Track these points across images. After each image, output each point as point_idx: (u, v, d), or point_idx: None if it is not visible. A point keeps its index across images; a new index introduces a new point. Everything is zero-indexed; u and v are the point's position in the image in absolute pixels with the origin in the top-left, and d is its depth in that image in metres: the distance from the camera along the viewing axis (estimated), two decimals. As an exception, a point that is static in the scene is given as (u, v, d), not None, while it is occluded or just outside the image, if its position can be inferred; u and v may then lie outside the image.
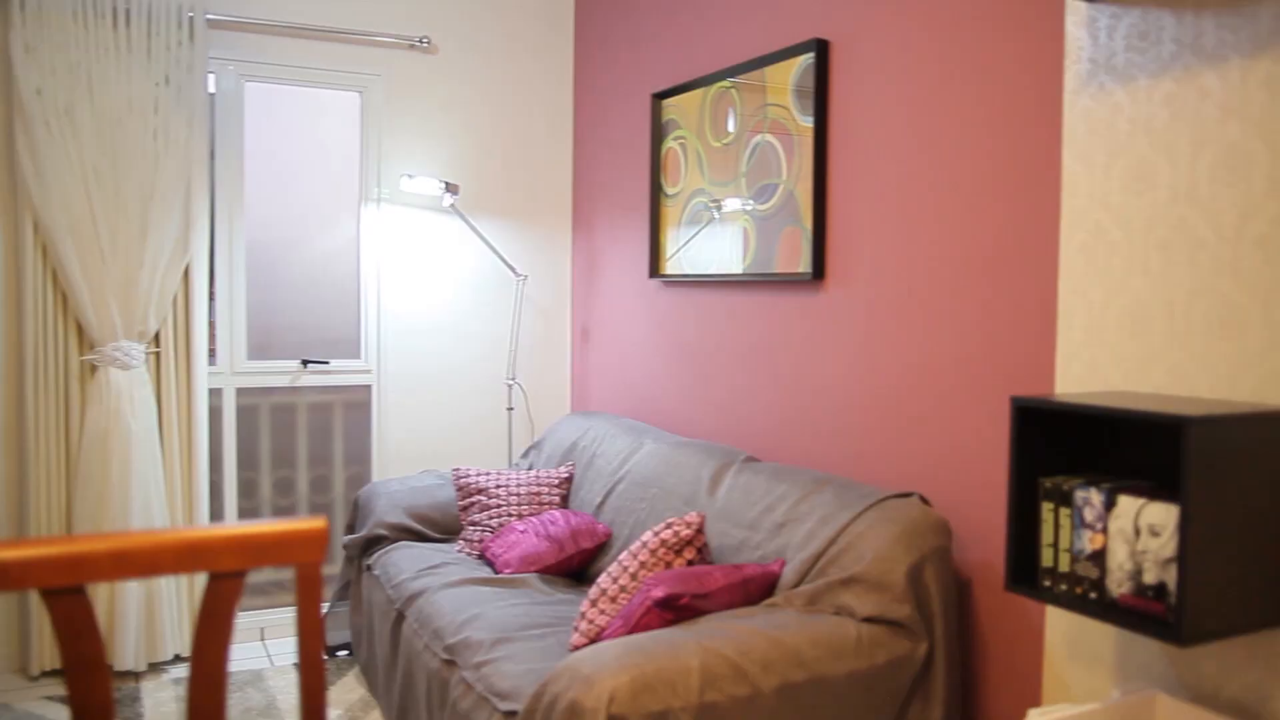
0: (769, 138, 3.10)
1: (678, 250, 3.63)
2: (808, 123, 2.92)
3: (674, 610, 2.22)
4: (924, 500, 2.43)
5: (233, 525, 1.28)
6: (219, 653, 1.29)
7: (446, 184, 4.01)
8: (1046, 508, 1.85)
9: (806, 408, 2.99)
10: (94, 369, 3.56)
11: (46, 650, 3.55)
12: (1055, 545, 1.83)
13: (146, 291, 3.57)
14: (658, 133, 3.74)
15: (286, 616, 4.06)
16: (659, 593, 2.22)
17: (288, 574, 4.13)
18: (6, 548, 1.17)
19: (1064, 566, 1.81)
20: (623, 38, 4.03)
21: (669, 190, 3.68)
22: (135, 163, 3.55)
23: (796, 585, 2.37)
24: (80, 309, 3.49)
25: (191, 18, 3.63)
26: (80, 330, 3.56)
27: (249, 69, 3.90)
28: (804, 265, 2.96)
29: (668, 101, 3.68)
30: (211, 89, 3.84)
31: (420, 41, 4.11)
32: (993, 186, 2.33)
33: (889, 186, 2.66)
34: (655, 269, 3.76)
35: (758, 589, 2.37)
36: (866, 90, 2.73)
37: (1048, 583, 1.85)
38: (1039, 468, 1.90)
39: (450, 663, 2.56)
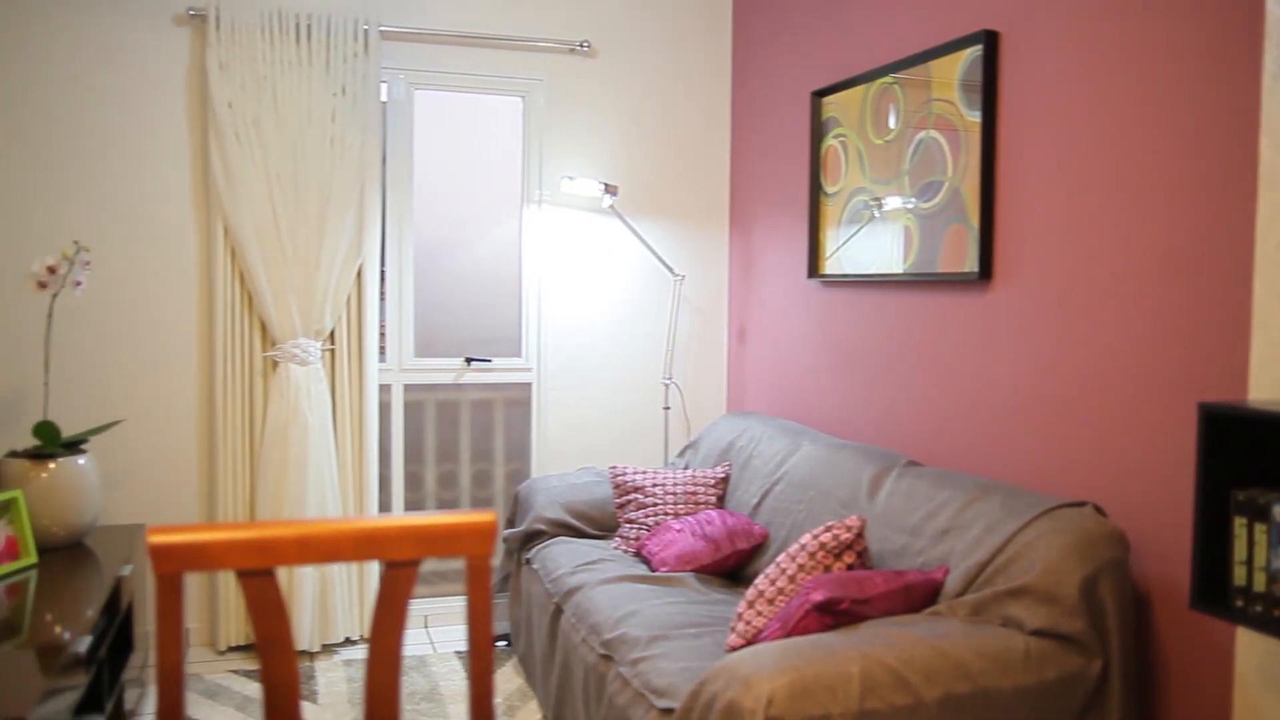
0: (933, 134, 3.02)
1: (837, 250, 3.57)
2: (975, 117, 2.82)
3: (833, 615, 2.19)
4: (1099, 510, 2.31)
5: (408, 516, 1.33)
6: (395, 636, 1.35)
7: (606, 185, 4.07)
8: (1239, 522, 1.73)
9: (970, 411, 2.90)
10: (275, 364, 3.77)
11: (233, 627, 3.79)
12: (1249, 563, 1.71)
13: (323, 291, 3.75)
14: (817, 131, 3.69)
15: (448, 605, 4.20)
16: (818, 596, 2.19)
17: (450, 564, 4.27)
18: (206, 530, 1.26)
19: (1259, 586, 1.70)
20: (781, 36, 4.00)
21: (829, 189, 3.63)
22: (314, 169, 3.74)
23: (961, 594, 2.30)
24: (264, 308, 3.71)
25: (366, 30, 3.80)
26: (263, 328, 3.78)
27: (419, 77, 4.05)
28: (970, 264, 2.86)
29: (828, 99, 3.63)
30: (384, 97, 4.00)
31: (581, 45, 4.18)
32: (1179, 179, 2.20)
33: (1064, 182, 2.54)
34: (814, 269, 3.72)
35: (920, 596, 2.31)
36: (1039, 81, 2.62)
37: (1240, 603, 1.73)
38: (1229, 479, 1.78)
39: (607, 658, 2.60)
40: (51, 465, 3.05)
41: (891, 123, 3.24)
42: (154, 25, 3.73)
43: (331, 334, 3.86)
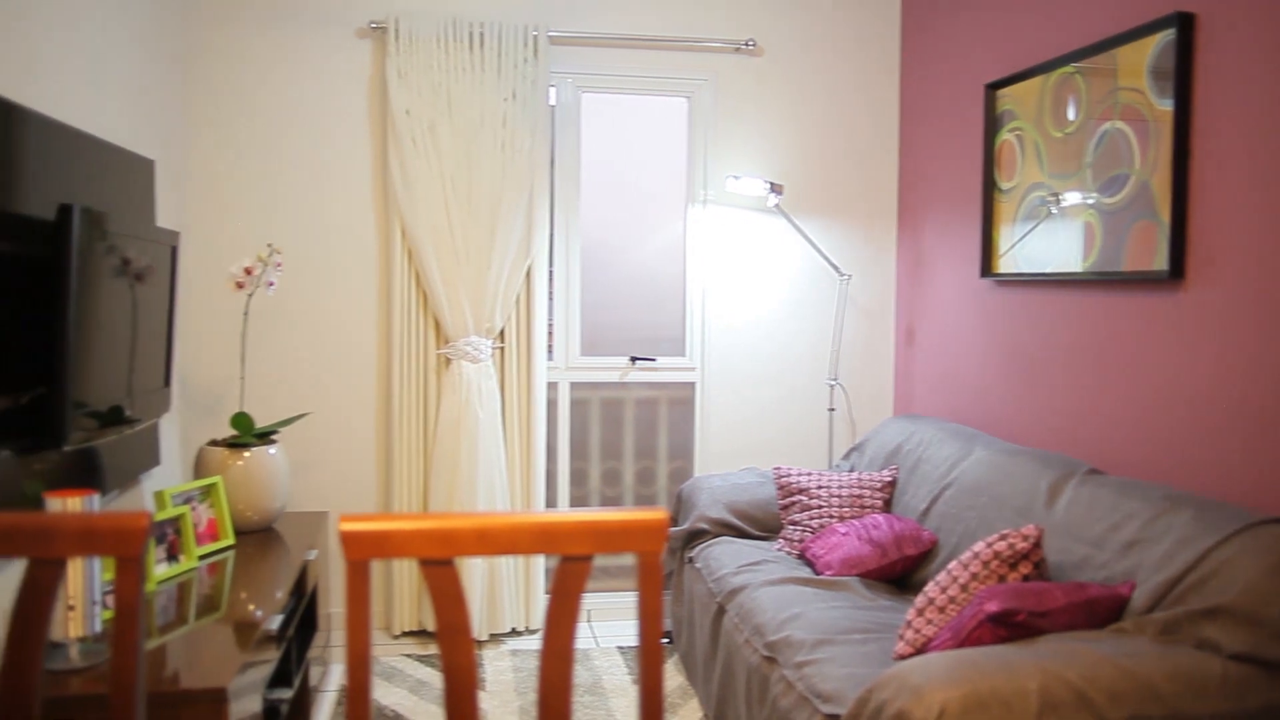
0: (1119, 124, 2.87)
1: (1011, 248, 3.43)
2: (1166, 106, 2.66)
3: (1008, 627, 2.11)
4: (1307, 526, 2.15)
5: (582, 512, 1.35)
6: (568, 629, 1.37)
7: (771, 184, 4.04)
8: None
9: (1157, 418, 2.73)
10: (448, 362, 3.91)
11: (406, 613, 3.95)
12: None
13: (494, 291, 3.87)
14: (991, 125, 3.56)
15: (611, 601, 4.26)
16: (993, 607, 2.11)
17: (613, 560, 4.33)
18: (392, 520, 1.31)
19: None
20: (953, 28, 3.87)
21: (1003, 185, 3.50)
22: (485, 172, 3.86)
23: (1148, 611, 2.17)
24: (438, 307, 3.85)
25: (536, 36, 3.89)
26: (437, 326, 3.93)
27: (586, 81, 4.12)
28: (1159, 263, 2.70)
29: (1003, 91, 3.49)
30: (552, 101, 4.09)
31: (746, 44, 4.16)
32: (1405, 169, 2.02)
33: (1266, 173, 2.37)
34: (987, 268, 3.59)
35: (1102, 612, 2.20)
36: (1238, 66, 2.45)
37: None
38: None
39: (771, 660, 2.58)
40: (246, 454, 3.25)
41: (1072, 114, 3.09)
42: (338, 39, 3.93)
43: (501, 332, 3.97)
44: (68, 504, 2.01)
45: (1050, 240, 3.20)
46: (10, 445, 2.24)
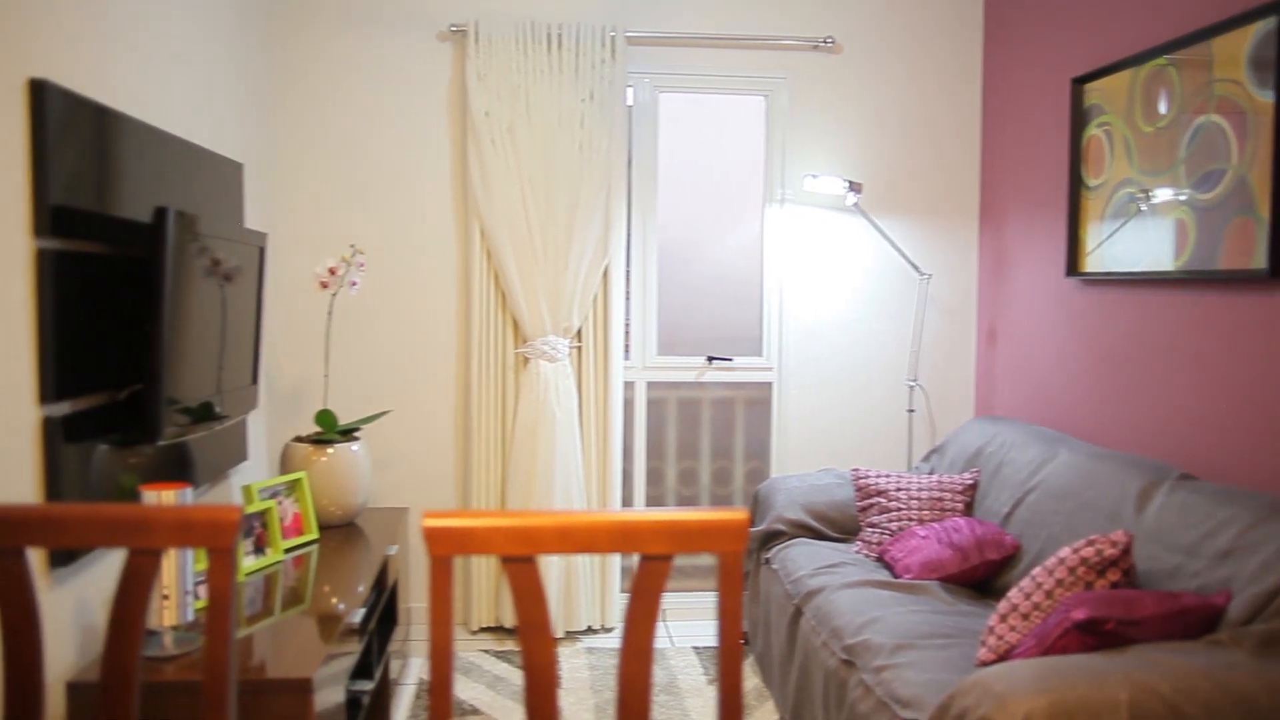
0: (1214, 118, 2.77)
1: (1098, 246, 3.34)
2: (1267, 98, 2.57)
3: (1097, 635, 2.05)
4: None
5: (662, 511, 1.35)
6: (647, 628, 1.37)
7: (850, 183, 4.00)
8: None
9: (1255, 422, 2.64)
10: (526, 361, 3.94)
11: (484, 609, 4.00)
12: None
13: (571, 291, 3.89)
14: (1078, 120, 3.47)
15: (686, 601, 4.25)
16: (1080, 614, 2.06)
17: (688, 560, 4.32)
18: (475, 517, 1.33)
19: None
20: (1037, 22, 3.79)
21: (1090, 182, 3.41)
22: (563, 173, 3.88)
23: (1246, 623, 2.10)
24: (516, 307, 3.89)
25: (613, 37, 3.91)
26: (516, 326, 3.97)
27: (663, 80, 4.13)
28: (1257, 261, 2.61)
29: (1090, 85, 3.40)
30: (629, 101, 4.10)
31: (825, 42, 4.12)
32: None
33: (1376, 167, 2.27)
34: (1073, 267, 3.50)
35: (1196, 622, 2.13)
36: (1347, 56, 2.35)
37: None
38: None
39: (849, 663, 2.55)
40: (330, 450, 3.32)
41: (1164, 108, 3.00)
42: (419, 42, 3.99)
43: (579, 332, 4.00)
44: (162, 497, 2.08)
45: (1140, 238, 3.11)
46: (108, 439, 2.32)
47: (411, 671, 3.69)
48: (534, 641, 1.36)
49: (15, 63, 1.98)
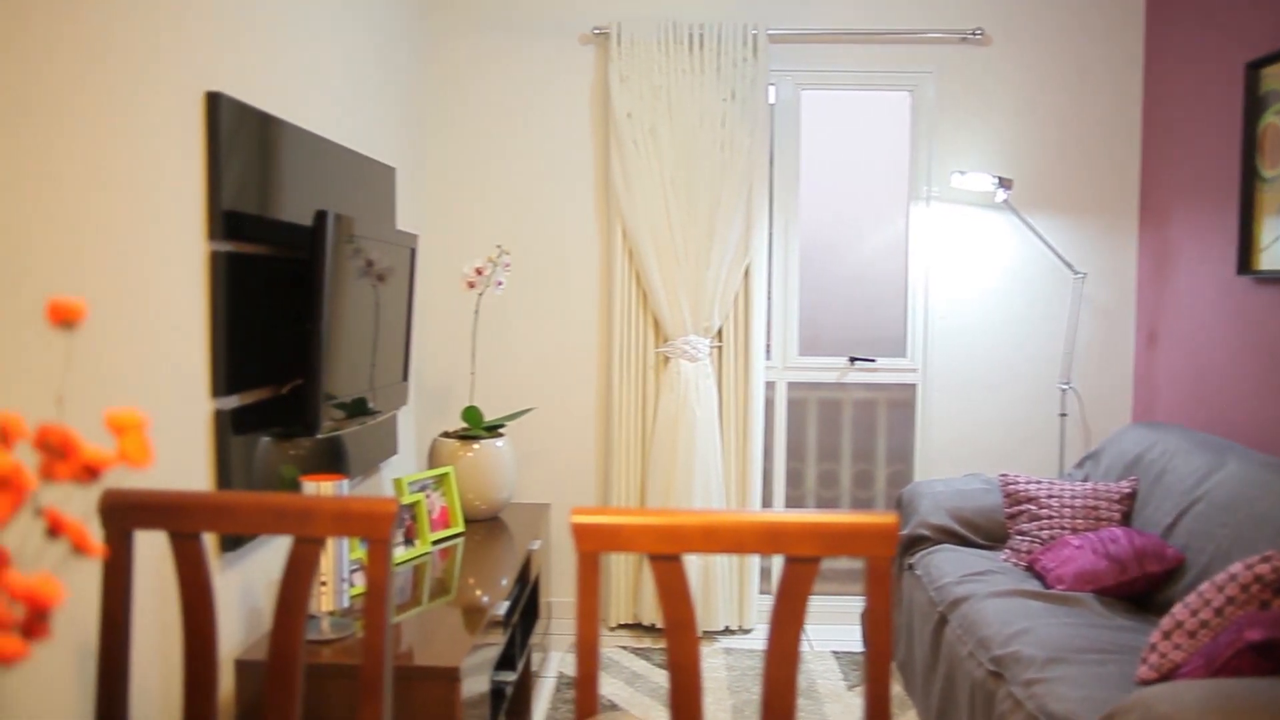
0: None
1: (1274, 242, 3.14)
2: None
3: (1274, 659, 1.93)
4: None
5: (811, 513, 1.34)
6: (794, 631, 1.36)
7: (999, 179, 3.87)
8: None
9: None
10: (666, 360, 3.96)
11: (622, 606, 4.04)
12: None
13: (712, 291, 3.89)
14: (1253, 107, 3.26)
15: (824, 605, 4.19)
16: (1256, 635, 1.94)
17: (826, 563, 4.26)
18: (623, 514, 1.34)
19: None
20: (1206, 5, 3.58)
21: (1266, 173, 3.20)
22: (704, 173, 3.88)
23: None
24: (657, 306, 3.91)
25: (755, 35, 3.88)
26: (656, 325, 3.99)
27: (806, 78, 4.08)
28: None
29: (1268, 70, 3.20)
30: (771, 99, 4.07)
31: (973, 34, 4.00)
32: None
33: None
34: (1245, 265, 3.29)
35: (1386, 646, 1.97)
36: None
37: None
38: None
39: (997, 675, 2.47)
40: (476, 446, 3.41)
41: (1352, 94, 2.79)
42: (563, 46, 4.05)
43: (720, 331, 3.99)
44: (321, 488, 2.17)
45: (1322, 234, 2.91)
46: (270, 432, 2.44)
47: (551, 665, 3.76)
48: (679, 640, 1.36)
49: (194, 77, 2.10)
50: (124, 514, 1.44)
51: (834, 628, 4.11)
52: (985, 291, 4.11)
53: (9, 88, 1.54)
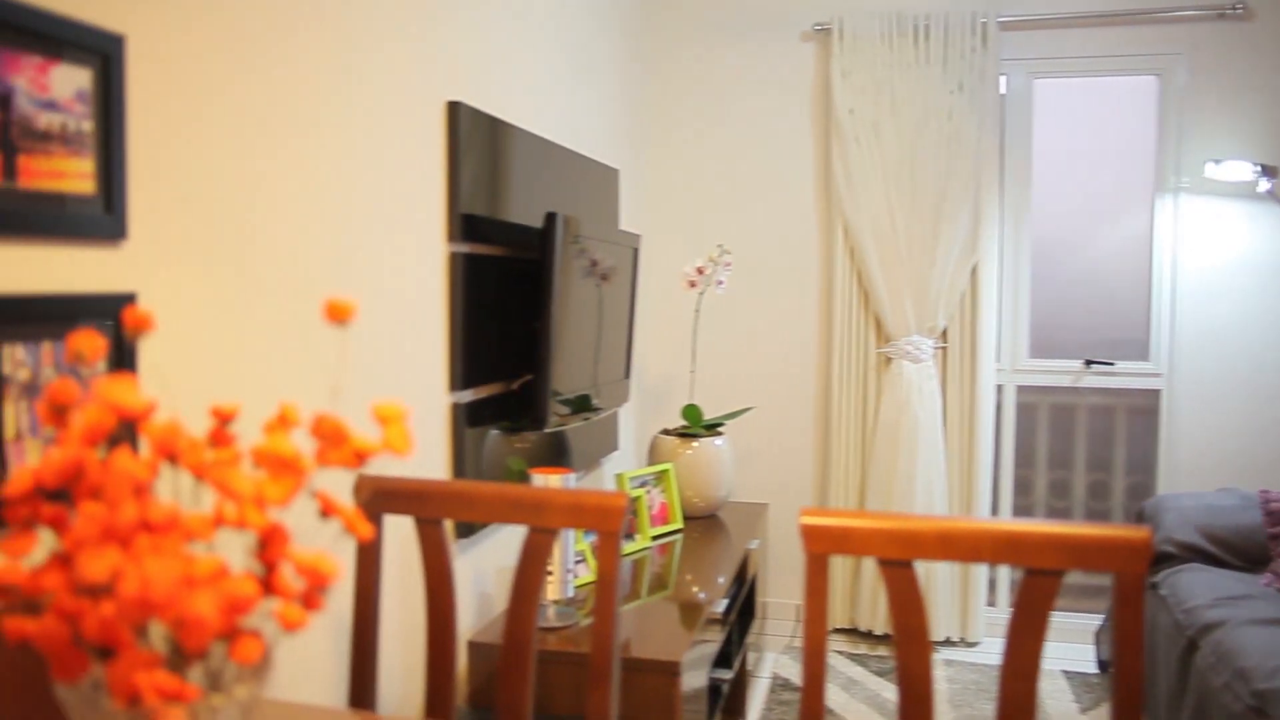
0: None
1: None
2: None
3: None
4: None
5: (1055, 524, 1.27)
6: (1032, 647, 1.29)
7: (1262, 167, 3.54)
8: None
9: None
10: (888, 361, 3.86)
11: (838, 609, 3.97)
12: None
13: (936, 289, 3.76)
14: None
15: (1055, 620, 3.97)
16: None
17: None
18: (854, 517, 1.31)
19: None
20: None
21: None
22: (929, 168, 3.76)
23: None
24: (879, 305, 3.82)
25: (985, 23, 3.72)
26: (878, 325, 3.90)
27: (1039, 66, 3.88)
28: None
29: None
30: (1001, 90, 3.89)
31: (1233, 9, 3.68)
32: None
33: None
34: None
35: None
36: None
37: None
38: None
39: (1259, 711, 2.26)
40: (695, 444, 3.44)
41: None
42: (783, 44, 4.02)
43: (944, 332, 3.86)
44: (549, 480, 2.25)
45: None
46: (499, 425, 2.55)
47: (766, 666, 3.74)
48: (910, 649, 1.32)
49: (436, 88, 2.23)
50: (376, 499, 1.54)
51: (1064, 645, 3.88)
52: (1242, 290, 3.77)
53: (283, 107, 1.68)
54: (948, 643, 3.91)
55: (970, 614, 3.88)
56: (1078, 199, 3.96)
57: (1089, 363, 3.90)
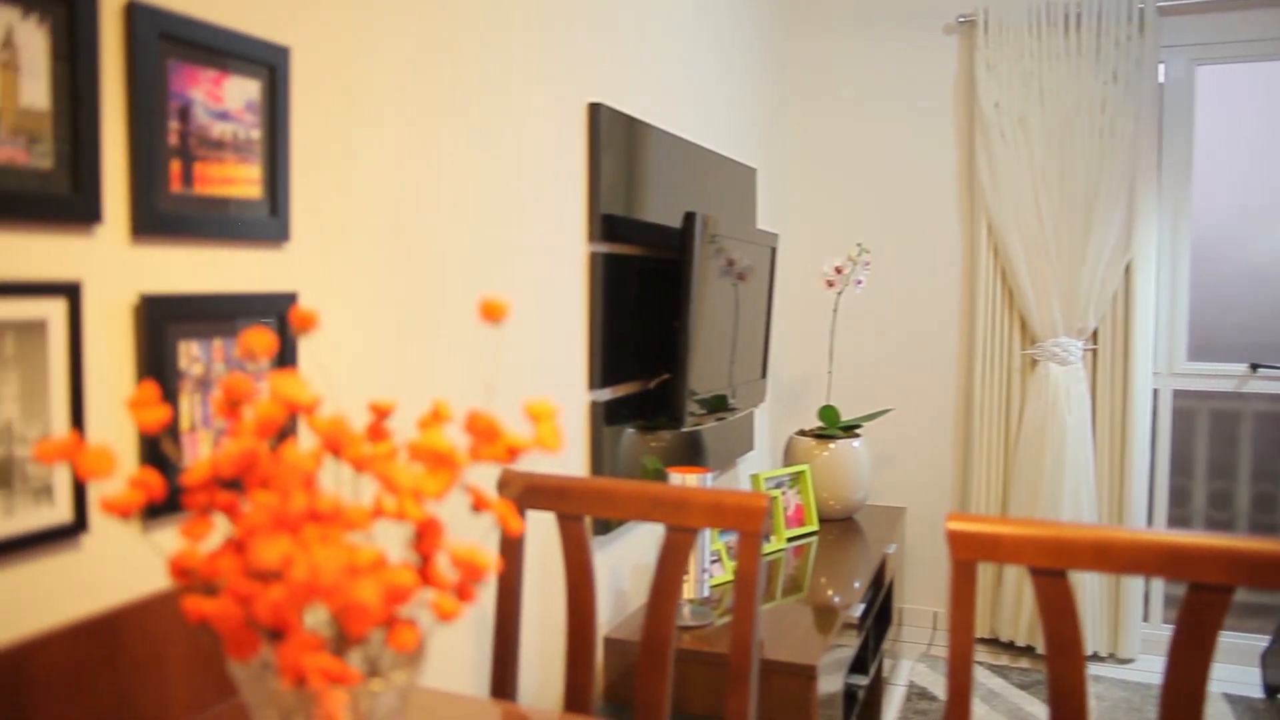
0: None
1: None
2: None
3: None
4: None
5: (1224, 537, 1.20)
6: (1198, 667, 1.23)
7: None
8: None
9: None
10: (1034, 363, 3.73)
11: (979, 618, 3.85)
12: None
13: (1086, 289, 3.61)
14: None
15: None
16: None
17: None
18: (1003, 524, 1.27)
19: None
20: None
21: None
22: (1080, 163, 3.61)
23: None
24: (1024, 305, 3.69)
25: (1142, 9, 3.55)
26: (1023, 326, 3.76)
27: (1201, 52, 3.67)
28: None
29: None
30: (1160, 79, 3.70)
31: None
32: None
33: None
34: None
35: None
36: None
37: None
38: None
39: None
40: (831, 445, 3.40)
41: None
42: (925, 37, 3.93)
43: (1095, 333, 3.70)
44: (687, 479, 2.25)
45: None
46: (635, 424, 2.57)
47: (902, 673, 3.66)
48: (1063, 662, 1.28)
49: (577, 91, 2.26)
50: (520, 494, 1.57)
51: (1227, 667, 3.67)
52: None
53: (433, 113, 1.74)
54: (1095, 658, 3.75)
55: (1123, 629, 3.71)
56: (1241, 192, 3.74)
57: (1255, 367, 3.67)
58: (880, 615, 3.30)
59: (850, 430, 3.49)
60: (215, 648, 1.27)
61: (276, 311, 1.40)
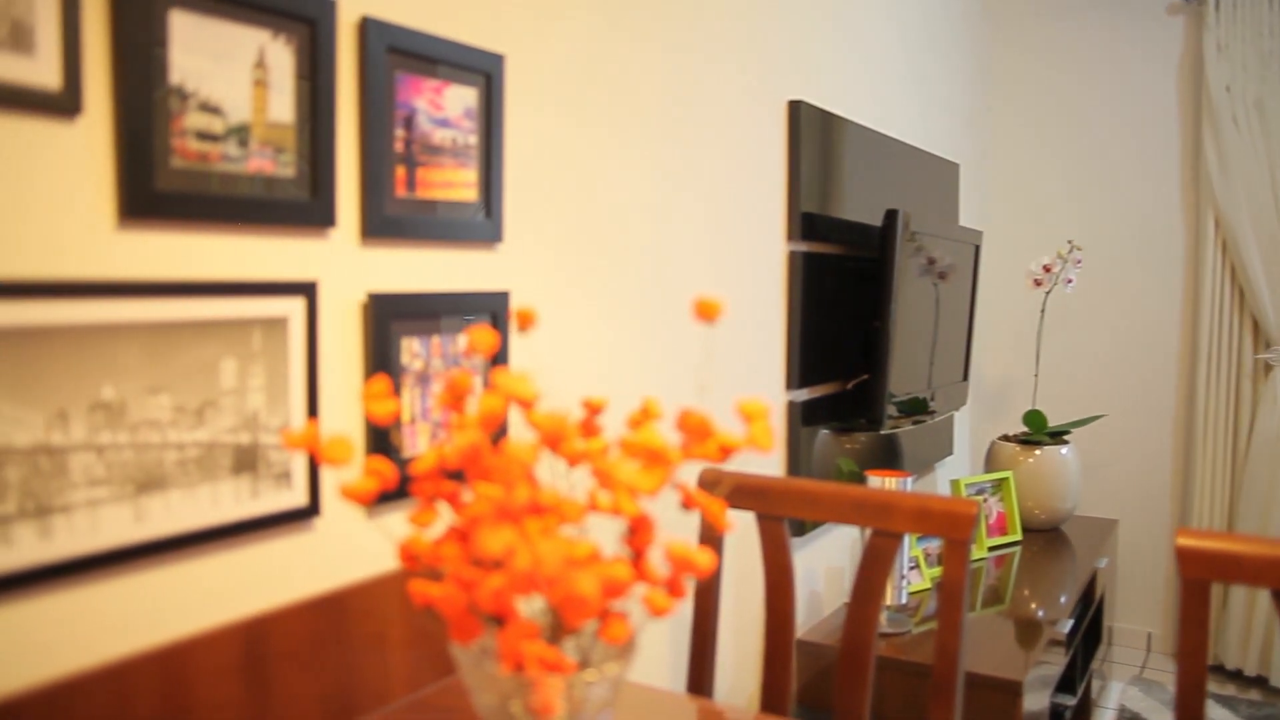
0: None
1: None
2: None
3: None
4: None
5: None
6: None
7: None
8: None
9: None
10: (1268, 369, 3.44)
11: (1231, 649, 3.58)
12: None
13: (1331, 288, 3.31)
14: None
15: None
16: None
17: None
18: (1243, 542, 1.18)
19: None
20: None
21: None
22: (1327, 150, 3.31)
23: None
24: (1257, 306, 3.41)
25: (1404, -21, 3.22)
26: (1256, 327, 3.48)
27: None
28: None
29: None
30: None
31: None
32: None
33: None
34: None
35: None
36: None
37: None
38: None
39: None
40: (1037, 452, 3.24)
41: None
42: (1144, 18, 3.69)
43: (1339, 336, 3.38)
44: (886, 483, 2.20)
45: None
46: (831, 425, 2.53)
47: (1112, 696, 3.46)
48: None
49: (777, 89, 2.24)
50: (729, 493, 1.57)
51: None
52: None
53: (638, 116, 1.77)
54: (1337, 691, 3.43)
55: (1369, 660, 3.37)
56: None
57: None
58: (1089, 633, 3.13)
59: (1058, 436, 3.32)
60: (436, 630, 1.34)
61: (490, 310, 1.46)
